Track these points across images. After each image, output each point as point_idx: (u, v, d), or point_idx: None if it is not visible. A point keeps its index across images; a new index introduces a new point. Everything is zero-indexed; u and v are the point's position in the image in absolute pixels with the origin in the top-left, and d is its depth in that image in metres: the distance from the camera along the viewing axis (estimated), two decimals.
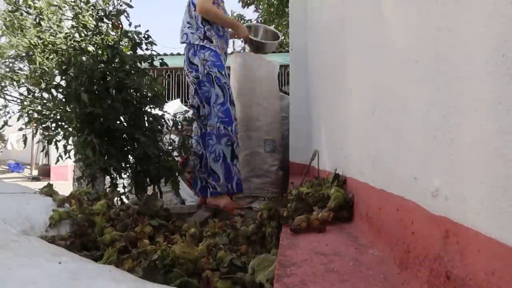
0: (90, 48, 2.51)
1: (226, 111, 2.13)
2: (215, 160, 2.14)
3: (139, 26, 2.68)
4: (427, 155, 0.59)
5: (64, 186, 3.69)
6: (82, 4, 2.53)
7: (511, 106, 0.39)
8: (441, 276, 0.53)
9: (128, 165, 2.62)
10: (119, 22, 2.56)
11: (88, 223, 1.17)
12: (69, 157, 2.59)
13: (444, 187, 0.53)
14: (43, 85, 2.47)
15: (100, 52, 2.50)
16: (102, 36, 2.53)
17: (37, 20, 2.45)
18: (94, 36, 2.51)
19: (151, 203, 1.36)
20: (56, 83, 2.46)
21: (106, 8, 2.59)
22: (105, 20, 2.56)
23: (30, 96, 2.51)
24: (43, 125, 2.48)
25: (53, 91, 2.44)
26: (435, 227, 0.56)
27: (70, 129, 2.47)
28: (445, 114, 0.53)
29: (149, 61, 2.66)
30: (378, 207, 0.85)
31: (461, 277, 0.48)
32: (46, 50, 2.41)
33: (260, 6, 11.39)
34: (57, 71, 2.45)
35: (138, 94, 2.61)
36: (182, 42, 2.31)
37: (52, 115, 2.46)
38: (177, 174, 2.20)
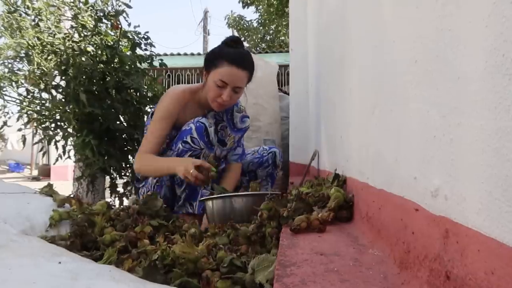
0: (90, 48, 2.51)
1: None
2: None
3: (139, 26, 2.68)
4: (427, 155, 0.59)
5: (64, 186, 3.69)
6: (80, 4, 2.53)
7: (510, 106, 0.39)
8: (441, 276, 0.53)
9: (128, 165, 2.63)
10: (118, 23, 2.55)
11: (88, 223, 1.17)
12: (69, 157, 2.59)
13: (444, 187, 0.53)
14: (42, 86, 2.47)
15: (99, 52, 2.50)
16: (101, 36, 2.53)
17: (36, 21, 2.45)
18: (93, 37, 2.51)
19: (151, 203, 1.36)
20: (55, 84, 2.46)
21: (105, 9, 2.58)
22: (104, 20, 2.56)
23: (29, 96, 2.51)
24: (43, 125, 2.48)
25: (53, 91, 2.44)
26: (435, 227, 0.56)
27: (69, 129, 2.47)
28: (445, 114, 0.53)
29: (149, 61, 2.66)
30: (378, 207, 0.85)
31: (461, 277, 0.48)
32: (45, 51, 2.41)
33: (260, 6, 11.41)
34: (56, 72, 2.45)
35: (137, 94, 2.62)
36: None
37: (51, 116, 2.46)
38: None
